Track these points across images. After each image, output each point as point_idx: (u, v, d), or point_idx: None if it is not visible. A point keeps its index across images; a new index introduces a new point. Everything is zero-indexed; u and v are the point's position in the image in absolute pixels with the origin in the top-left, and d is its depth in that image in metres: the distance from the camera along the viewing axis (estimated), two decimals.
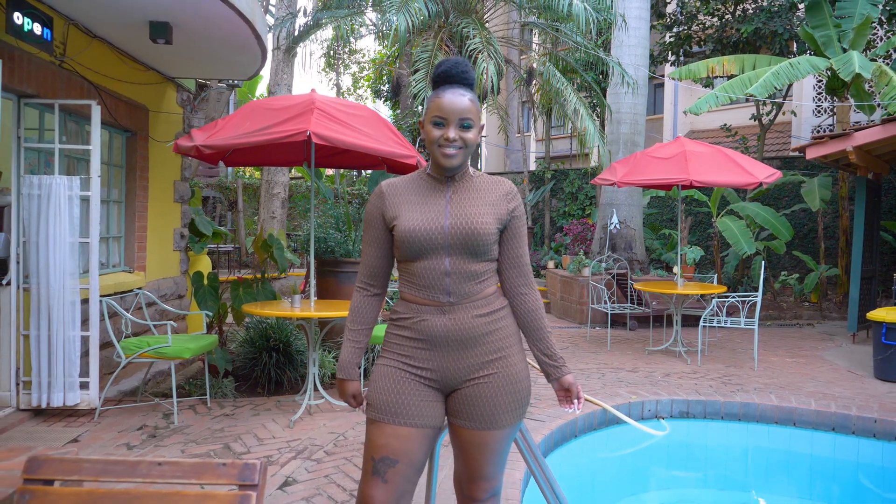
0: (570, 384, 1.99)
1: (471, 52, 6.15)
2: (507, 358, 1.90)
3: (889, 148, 7.55)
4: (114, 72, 5.15)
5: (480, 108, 1.95)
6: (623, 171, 6.50)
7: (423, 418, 1.85)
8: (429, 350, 1.87)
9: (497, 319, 1.91)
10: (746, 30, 9.87)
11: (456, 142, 1.83)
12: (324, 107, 3.84)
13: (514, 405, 1.90)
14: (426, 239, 1.83)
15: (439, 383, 1.89)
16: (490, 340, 1.89)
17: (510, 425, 1.91)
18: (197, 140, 3.85)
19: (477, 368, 1.88)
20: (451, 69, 1.87)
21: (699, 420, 5.11)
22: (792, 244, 11.43)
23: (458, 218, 1.85)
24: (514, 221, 1.94)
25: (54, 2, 4.14)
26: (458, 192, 1.91)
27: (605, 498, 4.24)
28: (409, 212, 1.87)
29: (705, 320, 6.45)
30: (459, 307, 1.86)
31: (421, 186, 1.93)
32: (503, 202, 1.92)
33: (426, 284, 1.86)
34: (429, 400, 1.87)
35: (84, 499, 1.36)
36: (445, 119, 1.82)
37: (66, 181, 4.09)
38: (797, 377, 5.93)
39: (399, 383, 1.86)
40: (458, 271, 1.85)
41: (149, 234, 5.90)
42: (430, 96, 1.90)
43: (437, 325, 1.86)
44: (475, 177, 1.97)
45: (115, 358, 4.27)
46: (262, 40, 5.00)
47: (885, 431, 4.70)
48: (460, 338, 1.86)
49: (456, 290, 1.86)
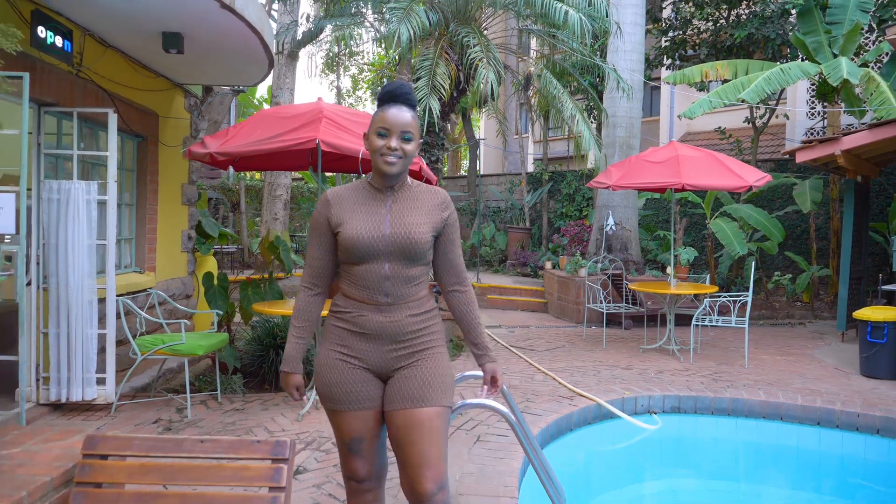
0: (493, 371, 2.21)
1: (471, 61, 6.35)
2: (433, 349, 2.13)
3: (877, 151, 7.75)
4: (126, 79, 5.34)
5: (420, 126, 2.14)
6: (618, 174, 6.70)
7: (373, 401, 2.09)
8: (364, 341, 2.08)
9: (427, 319, 2.13)
10: (740, 35, 10.08)
11: (397, 151, 2.02)
12: (331, 115, 4.04)
13: (441, 387, 2.09)
14: (368, 245, 2.02)
15: (374, 370, 2.10)
16: (419, 335, 2.10)
17: (439, 405, 2.07)
18: (211, 147, 4.04)
19: (406, 358, 2.09)
20: (396, 90, 2.08)
21: (690, 415, 5.31)
22: (785, 245, 11.64)
23: (398, 227, 2.04)
24: (447, 228, 2.16)
25: (73, 14, 4.33)
26: (398, 201, 2.10)
27: (600, 488, 4.44)
28: (352, 219, 2.05)
29: (698, 319, 6.65)
30: (396, 308, 2.06)
31: (364, 195, 2.11)
32: (438, 211, 2.13)
33: (367, 286, 2.05)
34: (371, 382, 2.09)
35: (136, 471, 1.55)
36: (388, 130, 2.02)
37: (85, 186, 4.28)
38: (786, 374, 6.13)
39: (344, 374, 2.07)
40: (397, 275, 2.05)
41: (158, 235, 6.09)
42: (375, 113, 2.10)
43: (374, 320, 2.06)
44: (413, 187, 2.16)
45: (130, 355, 4.46)
46: (269, 50, 5.19)
47: (868, 425, 4.90)
48: (394, 332, 2.07)
49: (393, 292, 2.06)
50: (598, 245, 9.67)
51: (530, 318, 9.84)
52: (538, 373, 5.99)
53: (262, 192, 12.36)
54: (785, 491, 4.52)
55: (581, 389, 5.31)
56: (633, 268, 9.53)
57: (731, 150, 13.09)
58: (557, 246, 12.08)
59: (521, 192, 15.50)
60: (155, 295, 5.07)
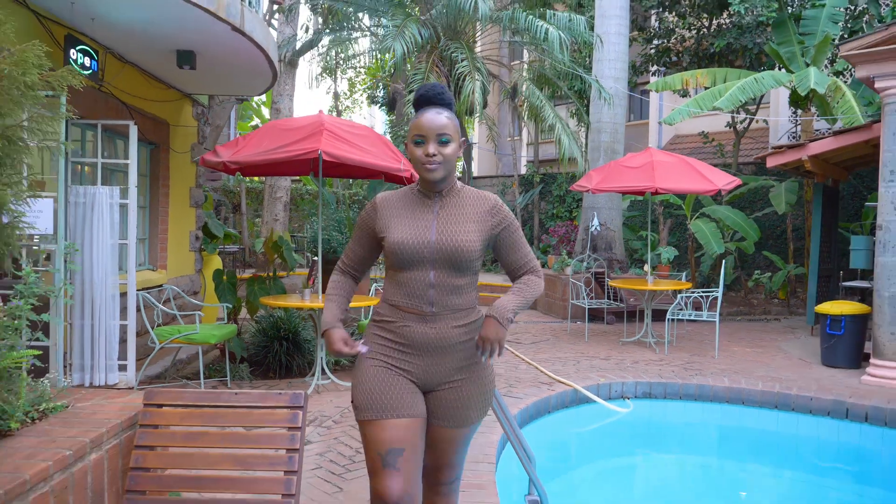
0: (488, 326, 1.96)
1: (459, 75, 6.84)
2: (478, 363, 2.07)
3: (844, 156, 8.24)
4: (141, 91, 5.80)
5: (459, 126, 2.09)
6: (598, 178, 7.18)
7: (415, 408, 1.98)
8: (409, 353, 2.00)
9: (473, 330, 2.05)
10: (719, 44, 10.57)
11: (436, 157, 1.95)
12: (332, 128, 4.50)
13: (481, 404, 2.09)
14: (413, 252, 1.96)
15: (419, 382, 2.02)
16: (465, 348, 2.03)
17: (477, 421, 2.10)
18: (224, 157, 4.50)
19: (452, 373, 2.02)
20: (428, 92, 2.02)
21: (660, 400, 5.79)
22: (765, 245, 12.15)
23: (444, 234, 1.98)
24: (503, 233, 2.07)
25: (98, 36, 4.79)
26: (446, 207, 2.04)
27: (574, 464, 4.91)
28: (398, 225, 2.01)
29: (672, 313, 7.13)
30: (440, 317, 1.98)
31: (412, 201, 2.06)
32: (488, 217, 2.05)
33: (411, 293, 1.98)
34: (415, 392, 2.01)
35: (185, 416, 2.02)
36: (424, 137, 1.95)
37: (108, 191, 4.73)
38: (753, 364, 6.62)
39: (386, 380, 1.97)
40: (442, 284, 1.98)
41: (169, 236, 6.55)
42: (411, 119, 2.05)
43: (418, 331, 1.98)
44: (462, 191, 2.08)
45: (149, 343, 4.92)
46: (273, 65, 5.65)
47: (820, 408, 5.39)
48: (439, 345, 1.99)
49: (438, 302, 1.98)
50: (583, 245, 10.15)
51: (519, 314, 10.30)
52: (522, 363, 6.46)
53: (263, 193, 12.82)
54: (745, 465, 5.00)
55: (560, 377, 5.79)
56: (617, 266, 10.01)
57: (714, 154, 13.60)
58: (547, 246, 12.56)
59: (513, 193, 15.98)
60: (169, 290, 5.52)
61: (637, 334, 7.99)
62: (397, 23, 6.35)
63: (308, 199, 15.28)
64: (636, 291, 8.60)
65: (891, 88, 5.88)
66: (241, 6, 4.69)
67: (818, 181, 8.56)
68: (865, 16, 9.92)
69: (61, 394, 2.12)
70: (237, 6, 4.61)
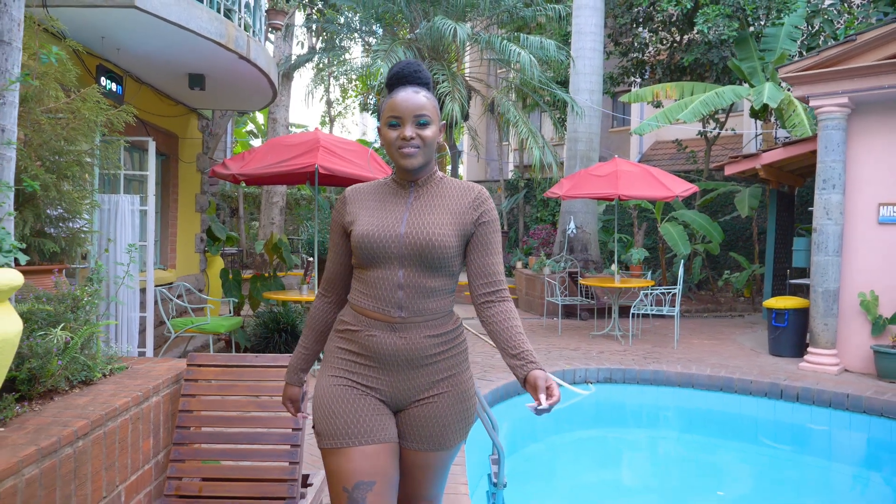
0: (537, 378, 1.64)
1: (440, 95, 7.55)
2: (457, 376, 1.82)
3: (796, 165, 9.00)
4: (155, 108, 6.46)
5: (438, 105, 1.86)
6: (568, 185, 7.89)
7: (386, 432, 1.74)
8: (375, 368, 1.76)
9: (449, 340, 1.81)
10: (688, 59, 11.32)
11: (413, 140, 1.72)
12: (327, 144, 5.19)
13: (461, 423, 1.83)
14: (379, 246, 1.74)
15: (388, 401, 1.79)
16: (440, 360, 1.79)
17: (457, 444, 1.84)
18: (233, 169, 5.18)
19: (426, 388, 1.78)
20: (404, 69, 1.79)
21: (619, 384, 6.50)
22: (735, 246, 12.91)
23: (415, 227, 1.74)
24: (480, 228, 1.80)
25: (121, 63, 5.45)
26: (421, 197, 1.80)
27: (540, 438, 5.61)
28: (366, 216, 1.79)
29: (636, 308, 7.84)
30: (411, 325, 1.74)
31: (384, 192, 1.85)
32: (469, 210, 1.79)
33: (377, 296, 1.75)
34: (384, 413, 1.76)
35: (219, 373, 2.70)
36: (400, 118, 1.73)
37: (129, 198, 5.38)
38: (707, 354, 7.33)
39: (350, 402, 1.73)
40: (412, 285, 1.74)
41: (178, 238, 7.21)
42: (384, 100, 1.81)
43: (385, 342, 1.74)
44: (443, 181, 1.84)
45: (165, 333, 5.57)
46: (274, 85, 6.33)
47: (759, 390, 6.11)
48: (409, 358, 1.75)
49: (408, 306, 1.74)
50: (561, 246, 10.87)
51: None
52: (496, 352, 7.15)
53: (260, 198, 13.47)
54: (691, 437, 5.71)
55: None
56: (592, 266, 10.73)
57: (687, 160, 14.37)
58: (529, 248, 13.27)
59: (498, 197, 16.69)
60: (181, 286, 6.18)
61: (606, 328, 8.69)
62: (385, 46, 7.06)
63: (304, 203, 15.95)
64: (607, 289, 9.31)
65: (823, 107, 6.61)
66: (248, 37, 5.38)
67: (773, 187, 9.31)
68: (822, 35, 10.69)
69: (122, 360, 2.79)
70: (244, 38, 5.30)
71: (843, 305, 6.69)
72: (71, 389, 2.34)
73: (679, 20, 11.67)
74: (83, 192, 2.80)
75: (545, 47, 8.19)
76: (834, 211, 6.62)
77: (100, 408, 2.14)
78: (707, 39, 11.02)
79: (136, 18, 4.40)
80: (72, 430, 1.94)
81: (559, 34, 13.23)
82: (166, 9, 4.37)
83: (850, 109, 6.55)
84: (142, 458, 2.40)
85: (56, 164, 2.73)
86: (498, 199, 16.71)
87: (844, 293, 6.69)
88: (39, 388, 2.21)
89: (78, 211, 2.74)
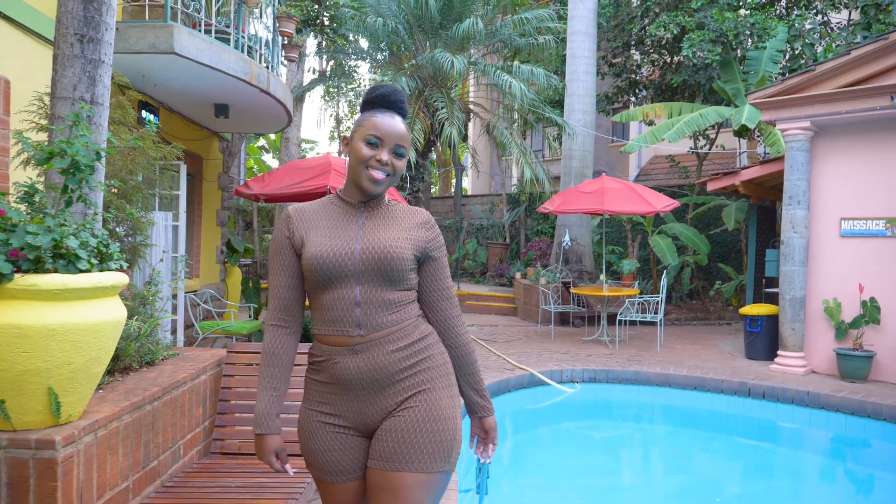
0: (492, 427, 1.86)
1: (440, 120, 8.25)
2: (430, 392, 1.73)
3: (773, 181, 9.62)
4: (184, 133, 7.19)
5: None
6: (559, 201, 8.55)
7: (360, 470, 1.76)
8: (342, 394, 1.73)
9: (418, 352, 1.75)
10: (676, 80, 12.00)
11: (387, 167, 1.73)
12: (336, 167, 5.88)
13: (435, 446, 1.68)
14: (335, 266, 1.70)
15: (359, 429, 1.75)
16: (410, 375, 1.73)
17: (430, 471, 1.67)
18: (255, 189, 5.88)
19: (395, 405, 1.72)
20: (391, 95, 1.78)
21: (602, 383, 7.11)
22: (726, 257, 13.50)
23: (370, 242, 1.72)
24: (435, 252, 1.82)
25: (157, 96, 6.19)
26: (372, 218, 1.79)
27: (527, 430, 6.23)
28: (318, 237, 1.75)
29: (622, 315, 8.46)
30: (372, 344, 1.70)
31: (332, 212, 1.80)
32: (421, 230, 1.80)
33: (334, 318, 1.71)
34: (356, 449, 1.75)
35: (252, 358, 3.37)
36: (381, 140, 1.72)
37: (163, 215, 6.09)
38: (687, 357, 7.93)
39: (326, 441, 1.74)
40: (370, 300, 1.70)
41: (201, 250, 7.91)
42: (362, 115, 1.79)
43: (349, 367, 1.70)
44: (390, 204, 1.84)
45: (193, 335, 6.25)
46: (290, 113, 7.05)
47: (729, 388, 6.71)
48: (375, 379, 1.70)
49: (367, 322, 1.70)
50: (557, 258, 11.51)
51: (500, 319, 11.65)
52: (492, 354, 7.79)
53: (273, 212, 14.19)
54: (666, 429, 6.31)
55: (522, 365, 7.11)
56: (586, 277, 11.36)
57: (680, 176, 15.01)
58: (529, 259, 13.92)
59: (500, 211, 17.36)
60: (208, 293, 6.87)
61: (596, 334, 9.31)
62: (389, 77, 7.77)
63: None
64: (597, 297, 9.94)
65: (789, 130, 7.25)
66: (268, 73, 6.10)
67: (753, 202, 9.94)
68: (802, 58, 11.34)
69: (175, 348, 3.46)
70: (265, 74, 6.02)
71: (809, 312, 7.29)
72: (140, 368, 3.02)
73: (668, 43, 12.37)
74: (143, 211, 3.47)
75: (535, 74, 8.91)
76: (799, 225, 7.23)
77: (167, 379, 2.81)
78: (693, 62, 11.70)
79: (173, 61, 5.13)
80: (150, 392, 2.61)
81: (557, 55, 13.94)
82: (200, 53, 5.09)
83: (813, 132, 7.18)
84: (194, 422, 3.07)
85: (123, 191, 3.42)
86: (500, 213, 17.38)
87: (810, 300, 7.29)
88: (119, 365, 2.89)
89: (141, 229, 3.42)
